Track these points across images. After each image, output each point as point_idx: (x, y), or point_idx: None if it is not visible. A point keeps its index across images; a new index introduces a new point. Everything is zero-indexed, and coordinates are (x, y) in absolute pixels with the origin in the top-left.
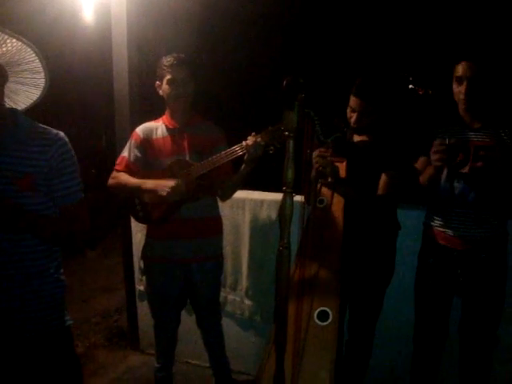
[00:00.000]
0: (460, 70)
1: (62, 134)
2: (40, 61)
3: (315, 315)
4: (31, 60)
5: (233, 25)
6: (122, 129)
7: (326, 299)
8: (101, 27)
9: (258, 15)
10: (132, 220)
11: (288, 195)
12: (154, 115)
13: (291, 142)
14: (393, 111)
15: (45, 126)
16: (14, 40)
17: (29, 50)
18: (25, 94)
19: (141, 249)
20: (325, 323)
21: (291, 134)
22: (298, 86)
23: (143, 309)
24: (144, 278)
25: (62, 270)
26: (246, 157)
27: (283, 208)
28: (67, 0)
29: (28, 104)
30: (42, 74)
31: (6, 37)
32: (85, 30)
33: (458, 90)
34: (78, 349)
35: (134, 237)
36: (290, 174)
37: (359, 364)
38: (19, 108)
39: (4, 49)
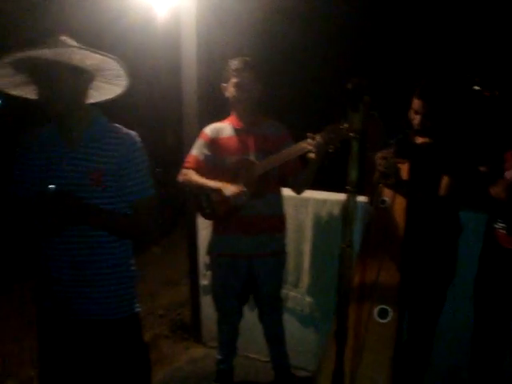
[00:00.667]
0: None
1: (134, 133)
2: (120, 67)
3: (375, 313)
4: (113, 67)
5: (298, 26)
6: (190, 129)
7: (386, 297)
8: (171, 32)
9: (324, 17)
10: (198, 217)
11: (351, 195)
12: (220, 116)
13: (355, 143)
14: (456, 113)
15: (118, 125)
16: (98, 55)
17: (110, 60)
18: (105, 91)
19: (206, 245)
20: (384, 321)
21: (356, 135)
22: (363, 88)
23: (206, 303)
24: (208, 272)
25: (132, 261)
26: (309, 156)
27: (346, 207)
28: (140, 10)
29: (103, 98)
30: (123, 78)
31: (88, 53)
32: (156, 34)
33: None
34: (144, 338)
35: (200, 233)
36: (353, 174)
37: (418, 365)
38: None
39: (89, 62)
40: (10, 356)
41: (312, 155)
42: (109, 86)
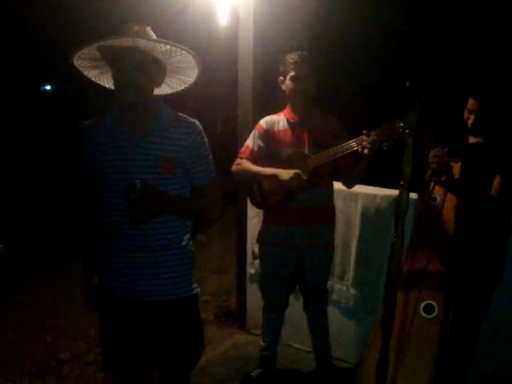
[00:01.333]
0: None
1: (197, 122)
2: (197, 63)
3: (421, 308)
4: (186, 61)
5: (354, 24)
6: (245, 120)
7: (432, 293)
8: (230, 27)
9: (379, 12)
10: (248, 206)
11: (405, 190)
12: (274, 109)
13: (411, 140)
14: (509, 113)
15: (183, 115)
16: (184, 52)
17: (188, 55)
18: (175, 83)
19: (255, 234)
20: (430, 316)
21: (412, 133)
22: (420, 86)
23: (252, 291)
24: (256, 261)
25: (191, 243)
26: (363, 152)
27: (399, 202)
28: (201, 5)
29: (172, 91)
30: (196, 71)
31: (178, 51)
32: (216, 29)
33: None
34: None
35: (250, 222)
36: (407, 170)
37: (460, 365)
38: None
39: (174, 59)
40: (60, 331)
41: (365, 152)
42: (177, 80)
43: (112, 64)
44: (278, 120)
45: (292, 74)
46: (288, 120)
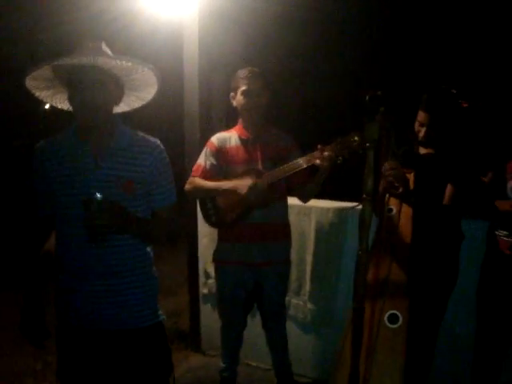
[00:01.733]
0: None
1: (158, 141)
2: (157, 79)
3: (386, 318)
4: (149, 77)
5: (305, 36)
6: (192, 138)
7: (396, 303)
8: (176, 42)
9: (334, 26)
10: (199, 225)
11: (367, 203)
12: (223, 127)
13: (371, 153)
14: (458, 124)
15: (143, 134)
16: (146, 69)
17: (150, 73)
18: (132, 100)
19: (206, 253)
20: (395, 326)
21: (372, 145)
22: (380, 100)
23: (205, 312)
24: (209, 281)
25: (154, 268)
26: (318, 167)
27: (363, 215)
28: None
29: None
30: (155, 87)
31: (140, 68)
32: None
33: None
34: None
35: (200, 241)
36: (369, 182)
37: (420, 372)
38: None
39: (133, 76)
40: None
41: (322, 166)
42: (134, 97)
43: (69, 83)
44: (230, 137)
45: (243, 88)
46: (240, 136)
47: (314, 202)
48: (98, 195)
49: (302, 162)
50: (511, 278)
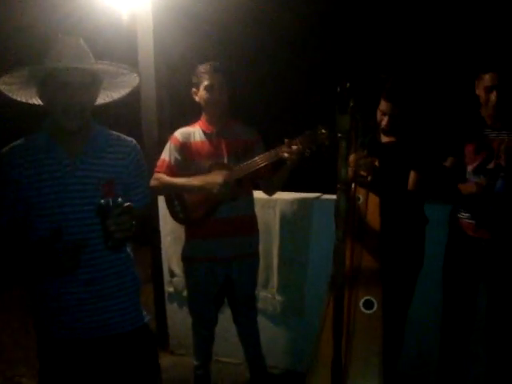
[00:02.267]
0: (489, 79)
1: (134, 141)
2: (133, 81)
3: (361, 304)
4: (130, 80)
5: (265, 29)
6: (150, 134)
7: (370, 289)
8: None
9: (290, 17)
10: (161, 224)
11: (342, 193)
12: (182, 122)
13: (344, 144)
14: (419, 111)
15: (118, 134)
16: (134, 74)
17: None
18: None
19: (170, 252)
20: (370, 311)
21: (344, 136)
22: (350, 92)
23: (171, 310)
24: (174, 279)
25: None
26: (285, 160)
27: (338, 204)
28: (101, 14)
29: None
30: (129, 89)
31: (127, 73)
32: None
33: (487, 98)
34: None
35: (164, 240)
36: (343, 172)
37: (391, 351)
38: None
39: (116, 79)
40: None
41: (290, 159)
42: (104, 95)
43: (46, 83)
44: (194, 131)
45: (206, 83)
46: (204, 131)
47: (278, 195)
48: (119, 199)
49: (270, 156)
50: (474, 258)
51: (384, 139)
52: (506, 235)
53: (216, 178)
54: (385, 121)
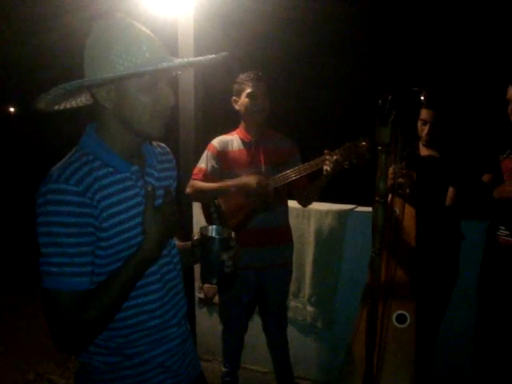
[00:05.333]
0: None
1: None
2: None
3: (394, 318)
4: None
5: (305, 38)
6: (187, 140)
7: (403, 303)
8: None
9: (335, 30)
10: (194, 230)
11: (380, 205)
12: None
13: (383, 156)
14: (460, 122)
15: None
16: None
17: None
18: None
19: None
20: (403, 326)
21: (384, 149)
22: (392, 104)
23: (201, 316)
24: (205, 285)
25: None
26: (324, 171)
27: (376, 217)
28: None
29: None
30: None
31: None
32: None
33: None
34: None
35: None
36: (381, 185)
37: (422, 367)
38: None
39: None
40: None
41: (328, 170)
42: None
43: (147, 85)
44: (232, 140)
45: (249, 90)
46: (242, 140)
47: (313, 205)
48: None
49: (309, 166)
50: (511, 276)
51: (423, 152)
52: None
53: (253, 178)
54: (426, 130)
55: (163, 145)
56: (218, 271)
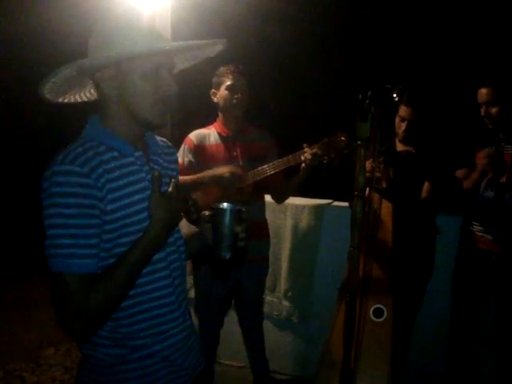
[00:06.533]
0: (486, 95)
1: None
2: None
3: (371, 312)
4: None
5: (285, 30)
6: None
7: (380, 297)
8: None
9: (316, 21)
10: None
11: (359, 200)
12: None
13: (362, 151)
14: (436, 119)
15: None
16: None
17: None
18: None
19: None
20: (380, 319)
21: (363, 144)
22: (372, 99)
23: None
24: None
25: None
26: (302, 166)
27: (354, 212)
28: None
29: None
30: None
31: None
32: None
33: (490, 112)
34: None
35: None
36: (361, 179)
37: (397, 360)
38: None
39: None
40: None
41: (306, 165)
42: None
43: (149, 72)
44: (209, 134)
45: (228, 83)
46: (219, 134)
47: (289, 200)
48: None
49: (288, 161)
50: (485, 271)
51: (400, 148)
52: None
53: (226, 169)
54: (403, 127)
55: (165, 139)
56: (231, 245)
